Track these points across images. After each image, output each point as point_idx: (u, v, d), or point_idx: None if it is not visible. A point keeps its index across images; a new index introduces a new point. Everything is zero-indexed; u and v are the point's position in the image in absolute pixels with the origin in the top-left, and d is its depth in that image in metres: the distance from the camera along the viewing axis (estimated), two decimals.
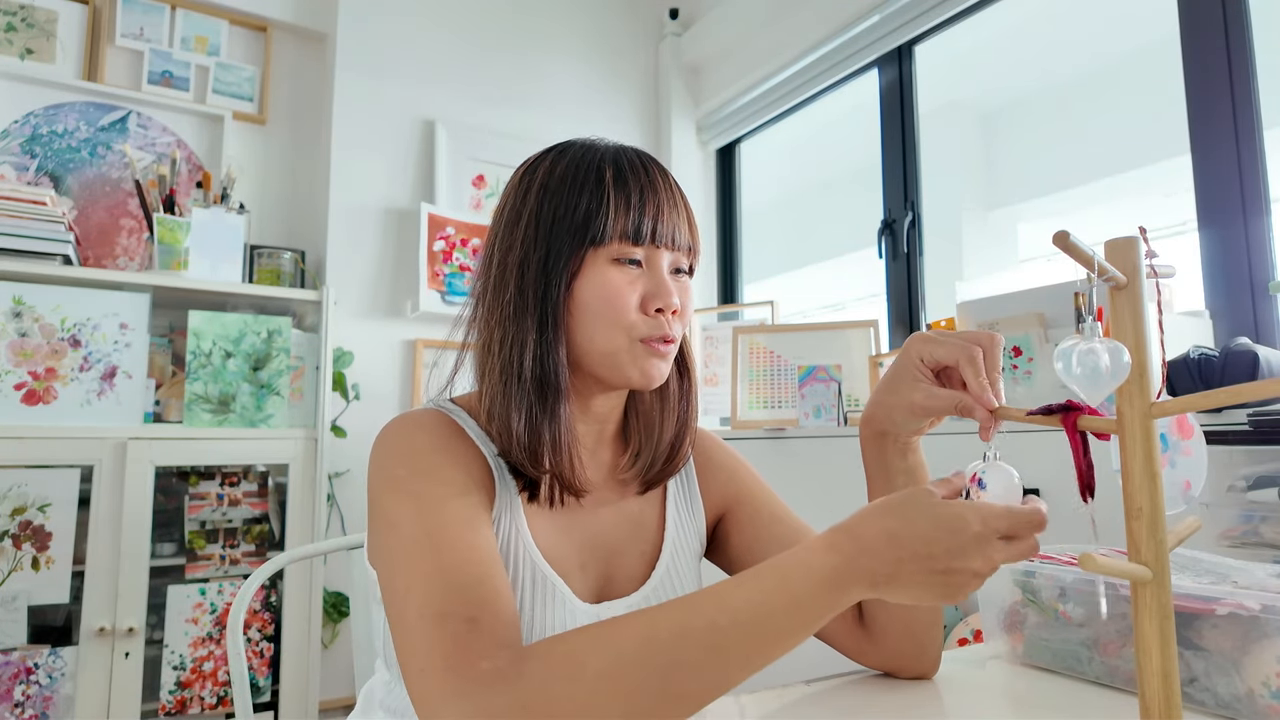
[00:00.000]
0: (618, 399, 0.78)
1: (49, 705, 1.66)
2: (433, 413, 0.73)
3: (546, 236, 0.71)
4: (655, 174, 0.73)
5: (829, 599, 0.52)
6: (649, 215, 0.71)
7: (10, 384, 1.72)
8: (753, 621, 0.52)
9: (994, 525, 0.52)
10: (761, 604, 0.52)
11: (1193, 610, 0.65)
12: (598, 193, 0.70)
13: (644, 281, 0.71)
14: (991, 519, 0.52)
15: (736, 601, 0.53)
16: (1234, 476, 0.95)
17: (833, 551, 0.53)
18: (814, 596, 0.52)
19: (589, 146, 0.75)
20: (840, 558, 0.52)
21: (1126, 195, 1.81)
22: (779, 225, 2.84)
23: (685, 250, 0.74)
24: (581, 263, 0.70)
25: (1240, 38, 1.47)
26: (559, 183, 0.72)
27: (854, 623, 0.76)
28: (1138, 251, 0.47)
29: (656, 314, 0.71)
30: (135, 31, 2.24)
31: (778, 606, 0.52)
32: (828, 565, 0.53)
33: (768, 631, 0.52)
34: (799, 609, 0.52)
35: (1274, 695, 0.60)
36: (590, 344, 0.71)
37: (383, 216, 2.39)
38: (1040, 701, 0.71)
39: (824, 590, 0.52)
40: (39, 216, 1.78)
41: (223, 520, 1.94)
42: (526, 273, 0.71)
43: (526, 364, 0.69)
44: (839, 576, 0.52)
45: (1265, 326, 1.41)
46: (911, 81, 2.21)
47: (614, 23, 2.89)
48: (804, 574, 0.53)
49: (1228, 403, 0.45)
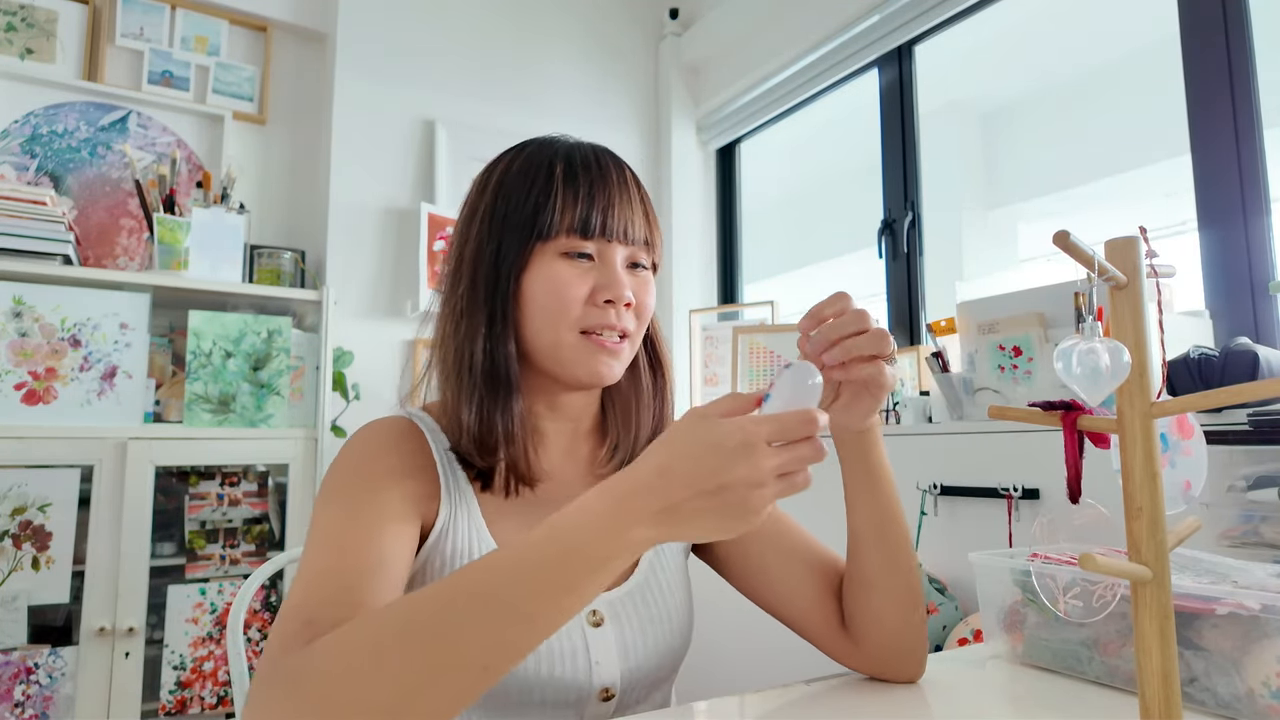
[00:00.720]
0: (588, 397, 0.79)
1: (49, 705, 1.66)
2: (388, 421, 0.74)
3: (498, 232, 0.72)
4: (608, 168, 0.73)
5: (606, 544, 0.50)
6: (599, 209, 0.71)
7: (10, 384, 1.71)
8: (524, 577, 0.50)
9: (755, 431, 0.49)
10: (532, 558, 0.50)
11: (1193, 610, 0.65)
12: (547, 187, 0.71)
13: (595, 275, 0.71)
14: (751, 424, 0.49)
15: (507, 559, 0.51)
16: (1234, 476, 0.95)
17: (604, 495, 0.51)
18: (589, 543, 0.50)
19: (545, 143, 0.75)
20: (611, 500, 0.50)
21: (1126, 195, 1.81)
22: (779, 225, 2.84)
23: (642, 244, 0.74)
24: (530, 257, 0.71)
25: (1240, 38, 1.47)
26: (513, 179, 0.73)
27: (837, 626, 0.76)
28: (1138, 251, 0.47)
29: (606, 305, 0.70)
30: (135, 31, 2.24)
31: (550, 557, 0.50)
32: (599, 509, 0.50)
33: (542, 584, 0.50)
34: (574, 557, 0.50)
35: (1274, 695, 0.60)
36: (538, 338, 0.71)
37: (383, 216, 2.39)
38: (1040, 701, 0.71)
39: (599, 536, 0.50)
40: (39, 216, 1.78)
41: (223, 520, 1.94)
42: (479, 268, 0.72)
43: (476, 357, 0.70)
44: (613, 519, 0.50)
45: (1265, 326, 1.41)
46: (911, 81, 2.21)
47: (614, 22, 2.89)
48: (576, 521, 0.51)
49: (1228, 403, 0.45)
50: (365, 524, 0.64)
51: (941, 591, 1.44)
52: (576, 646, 0.71)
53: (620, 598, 0.75)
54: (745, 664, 1.87)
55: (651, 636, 0.75)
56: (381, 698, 0.48)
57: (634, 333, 0.74)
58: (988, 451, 1.45)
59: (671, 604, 0.78)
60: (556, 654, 0.69)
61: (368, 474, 0.68)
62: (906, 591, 0.71)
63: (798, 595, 0.77)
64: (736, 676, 1.91)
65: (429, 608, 0.50)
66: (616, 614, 0.74)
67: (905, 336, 2.13)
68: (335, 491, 0.67)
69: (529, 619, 0.50)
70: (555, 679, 0.69)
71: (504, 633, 0.49)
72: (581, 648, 0.71)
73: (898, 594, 0.71)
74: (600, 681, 0.71)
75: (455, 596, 0.50)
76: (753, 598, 0.81)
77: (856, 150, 2.40)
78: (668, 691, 0.81)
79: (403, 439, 0.72)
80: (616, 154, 0.76)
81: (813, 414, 0.49)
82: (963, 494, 1.47)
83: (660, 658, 0.76)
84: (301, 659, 0.51)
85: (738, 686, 0.79)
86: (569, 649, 0.70)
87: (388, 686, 0.48)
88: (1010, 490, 1.37)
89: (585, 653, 0.71)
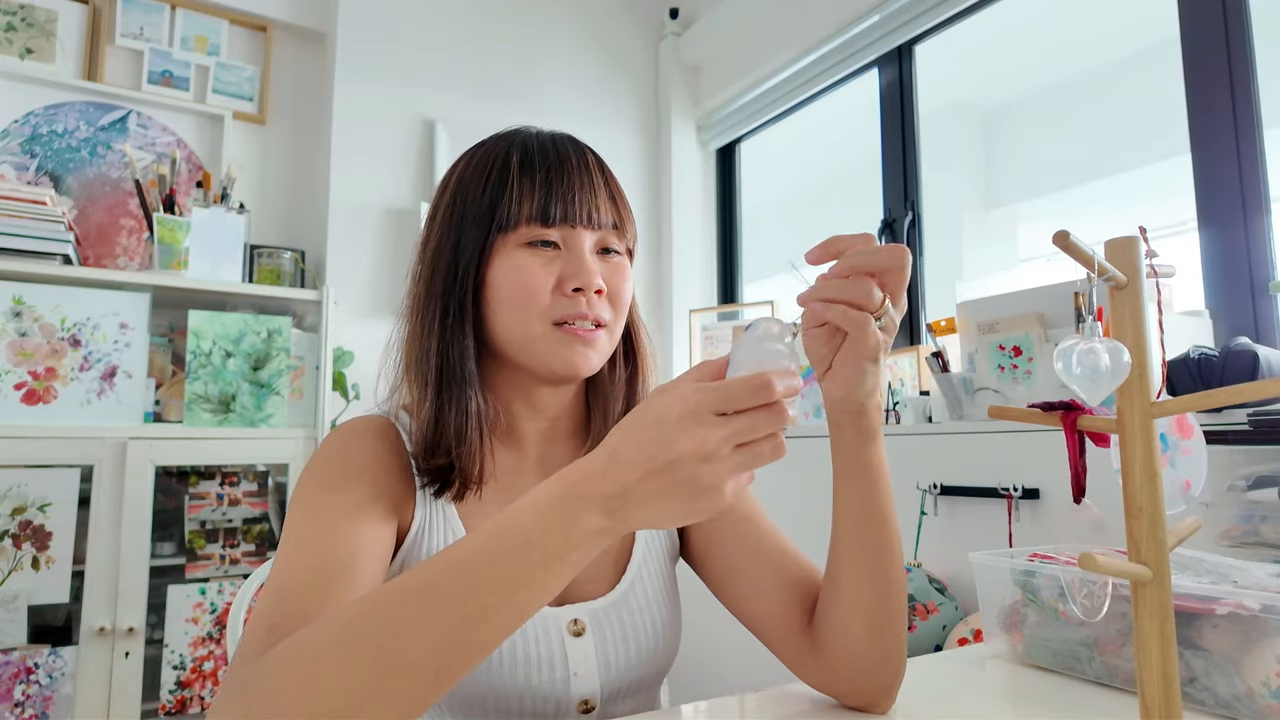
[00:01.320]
0: (565, 393, 0.76)
1: (49, 705, 1.66)
2: (363, 420, 0.73)
3: (457, 228, 0.70)
4: (567, 153, 0.71)
5: (556, 535, 0.47)
6: (559, 195, 0.68)
7: (10, 384, 1.71)
8: (476, 572, 0.47)
9: (699, 400, 0.45)
10: (484, 551, 0.48)
11: (1193, 610, 0.65)
12: (503, 178, 0.69)
13: (561, 263, 0.68)
14: (694, 392, 0.45)
15: (456, 555, 0.49)
16: (1234, 476, 0.95)
17: (557, 483, 0.48)
18: (542, 534, 0.47)
19: (502, 136, 0.74)
20: (563, 487, 0.48)
21: (1126, 195, 1.81)
22: (779, 225, 2.84)
23: (611, 229, 0.71)
24: (491, 250, 0.69)
25: (1240, 38, 1.47)
26: (470, 175, 0.72)
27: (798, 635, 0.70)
28: (1138, 251, 0.47)
29: (575, 294, 0.68)
30: (135, 31, 2.24)
31: (500, 550, 0.47)
32: (551, 498, 0.48)
33: (493, 580, 0.47)
34: (526, 550, 0.47)
35: (1274, 695, 0.60)
36: (508, 332, 0.69)
37: (383, 216, 2.39)
38: (1040, 701, 0.71)
39: (550, 525, 0.47)
40: (39, 216, 1.78)
41: (223, 520, 1.94)
42: (439, 265, 0.71)
43: (431, 352, 0.69)
44: (564, 508, 0.47)
45: (1265, 326, 1.41)
46: (911, 81, 2.21)
47: (614, 22, 2.89)
48: (527, 513, 0.48)
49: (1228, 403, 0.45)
50: (333, 525, 0.61)
51: (941, 591, 1.44)
52: (555, 656, 0.69)
53: (604, 607, 0.73)
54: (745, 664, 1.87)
55: (635, 647, 0.73)
56: (329, 703, 0.46)
57: (611, 322, 0.71)
58: (988, 451, 1.45)
59: (657, 614, 0.75)
60: (534, 663, 0.68)
61: (338, 474, 0.66)
62: (880, 603, 0.64)
63: (761, 598, 0.73)
64: (736, 676, 1.91)
65: (377, 608, 0.48)
66: (599, 623, 0.72)
67: (905, 337, 2.13)
68: (304, 494, 0.65)
69: (481, 617, 0.47)
70: (532, 689, 0.67)
71: (455, 633, 0.47)
72: (560, 657, 0.69)
73: (868, 604, 0.64)
74: (579, 693, 0.69)
75: (404, 595, 0.48)
76: (723, 600, 0.77)
77: (856, 150, 2.40)
78: (651, 701, 0.78)
79: (376, 437, 0.70)
80: (578, 139, 0.74)
81: (765, 377, 0.45)
82: (963, 494, 1.48)
83: (643, 669, 0.73)
84: (257, 665, 0.49)
85: (737, 686, 0.79)
86: (546, 658, 0.68)
87: (334, 692, 0.46)
88: (1010, 490, 1.37)
89: (564, 663, 0.69)
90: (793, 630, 0.70)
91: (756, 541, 0.75)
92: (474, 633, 0.47)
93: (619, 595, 0.74)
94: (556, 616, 0.71)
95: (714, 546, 0.77)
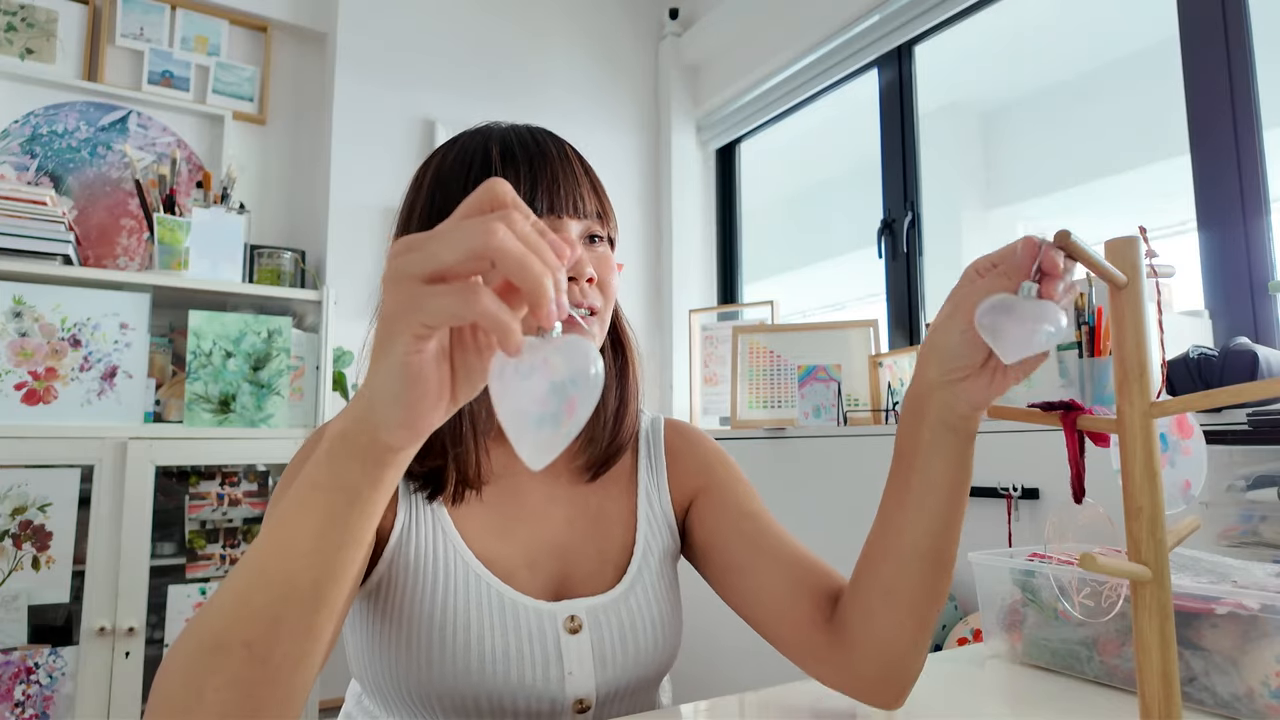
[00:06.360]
0: None
1: (49, 705, 1.66)
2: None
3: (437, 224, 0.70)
4: (547, 145, 0.70)
5: (352, 471, 0.43)
6: (543, 186, 0.68)
7: (10, 384, 1.71)
8: (288, 543, 0.44)
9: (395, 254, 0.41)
10: (287, 511, 0.45)
11: (1193, 610, 0.65)
12: (484, 172, 0.68)
13: None
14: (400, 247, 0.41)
15: (269, 524, 0.46)
16: (1234, 476, 0.96)
17: (339, 419, 0.45)
18: (338, 476, 0.43)
19: (479, 131, 0.73)
20: (343, 421, 0.44)
21: (1126, 195, 1.81)
22: (779, 225, 2.84)
23: (595, 217, 0.70)
24: None
25: (1240, 38, 1.47)
26: (449, 171, 0.71)
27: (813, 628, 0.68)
28: (1138, 251, 0.47)
29: (569, 283, 0.66)
30: (135, 31, 2.24)
31: (304, 499, 0.45)
32: (334, 433, 0.44)
33: (312, 548, 0.44)
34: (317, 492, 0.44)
35: (1273, 695, 0.60)
36: None
37: (383, 216, 2.39)
38: (1040, 701, 0.71)
39: (339, 463, 0.43)
40: (39, 216, 1.78)
41: (223, 520, 1.94)
42: None
43: None
44: (344, 439, 0.43)
45: (1265, 326, 1.41)
46: (911, 81, 2.21)
47: (613, 22, 2.89)
48: (318, 461, 0.44)
49: (1228, 403, 0.45)
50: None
51: None
52: (549, 655, 0.68)
53: (604, 604, 0.72)
54: (745, 664, 1.87)
55: (633, 645, 0.72)
56: (178, 697, 0.45)
57: (602, 309, 0.70)
58: (987, 451, 1.44)
59: (657, 612, 0.75)
60: (527, 661, 0.67)
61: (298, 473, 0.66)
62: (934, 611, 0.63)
63: (766, 595, 0.72)
64: (736, 676, 1.91)
65: (223, 596, 0.46)
66: (597, 621, 0.71)
67: (905, 337, 2.13)
68: (276, 494, 0.64)
69: (312, 591, 0.44)
70: (526, 688, 0.67)
71: (293, 613, 0.44)
72: (555, 656, 0.68)
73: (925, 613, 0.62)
74: (574, 692, 0.68)
75: (235, 577, 0.45)
76: (727, 599, 0.76)
77: (856, 150, 2.40)
78: (650, 701, 0.78)
79: None
80: (555, 133, 0.74)
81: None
82: None
83: (642, 668, 0.73)
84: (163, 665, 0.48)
85: (738, 686, 0.79)
86: (540, 657, 0.67)
87: (193, 687, 0.44)
88: (1010, 490, 1.37)
89: (559, 662, 0.68)
90: (801, 626, 0.69)
91: (759, 538, 0.75)
92: (305, 609, 0.45)
93: (619, 593, 0.74)
94: (553, 613, 0.70)
95: (716, 544, 0.77)
